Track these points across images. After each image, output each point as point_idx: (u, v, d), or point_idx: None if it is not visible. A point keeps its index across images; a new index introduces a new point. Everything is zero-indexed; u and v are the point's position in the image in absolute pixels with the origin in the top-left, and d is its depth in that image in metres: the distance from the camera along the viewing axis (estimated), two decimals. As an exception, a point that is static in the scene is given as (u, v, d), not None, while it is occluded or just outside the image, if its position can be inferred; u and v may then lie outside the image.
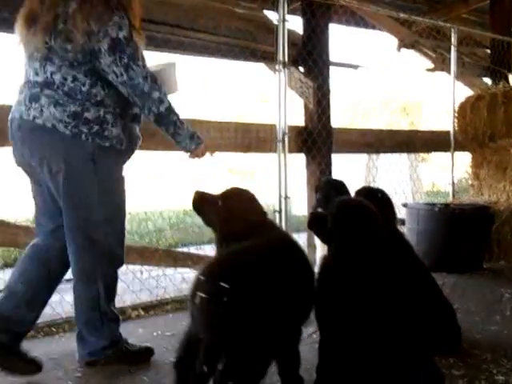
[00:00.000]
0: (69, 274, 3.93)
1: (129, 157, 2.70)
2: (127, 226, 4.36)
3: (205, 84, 13.28)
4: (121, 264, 2.81)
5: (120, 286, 3.80)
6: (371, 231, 2.30)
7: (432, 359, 2.23)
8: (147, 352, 2.95)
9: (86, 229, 2.57)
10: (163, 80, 2.74)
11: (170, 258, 4.16)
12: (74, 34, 2.40)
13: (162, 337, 3.27)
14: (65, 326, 3.48)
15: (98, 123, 2.48)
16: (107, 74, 2.46)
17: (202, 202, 2.60)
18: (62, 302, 3.59)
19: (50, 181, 2.54)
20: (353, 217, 2.32)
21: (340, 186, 3.62)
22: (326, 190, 3.64)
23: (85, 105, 2.46)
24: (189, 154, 2.78)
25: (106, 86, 2.51)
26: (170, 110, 2.59)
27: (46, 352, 2.35)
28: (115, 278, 2.82)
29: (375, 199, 2.85)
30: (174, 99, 2.66)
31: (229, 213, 2.50)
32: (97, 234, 2.59)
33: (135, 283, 4.02)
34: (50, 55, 2.47)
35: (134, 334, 3.35)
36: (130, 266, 4.06)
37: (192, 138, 2.71)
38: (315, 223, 2.43)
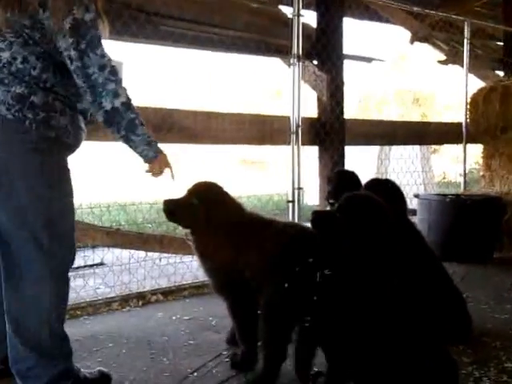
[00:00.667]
0: (91, 260, 4.09)
1: (73, 151, 2.35)
2: (146, 214, 4.54)
3: (220, 78, 13.32)
4: (71, 264, 2.36)
5: (140, 272, 4.03)
6: (380, 225, 2.26)
7: (444, 347, 2.22)
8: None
9: (22, 231, 2.16)
10: None
11: (187, 245, 4.26)
12: (34, 7, 2.09)
13: (179, 320, 3.39)
14: (88, 309, 3.59)
15: (45, 110, 2.15)
16: (64, 58, 2.15)
17: (177, 209, 2.58)
18: (86, 286, 3.75)
19: None
20: (362, 211, 2.26)
21: (352, 178, 3.66)
22: (338, 181, 3.67)
23: (32, 87, 2.14)
24: (146, 166, 2.36)
25: (58, 72, 2.20)
26: (126, 105, 2.20)
27: (70, 334, 2.42)
28: (67, 285, 2.35)
29: (384, 190, 2.90)
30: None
31: (209, 209, 2.53)
32: (37, 234, 2.17)
33: (154, 270, 4.13)
34: (2, 30, 2.13)
35: (153, 317, 3.47)
36: (150, 254, 4.19)
37: (150, 145, 2.29)
38: (318, 222, 2.36)
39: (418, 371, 2.06)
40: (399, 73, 14.78)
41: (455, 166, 6.35)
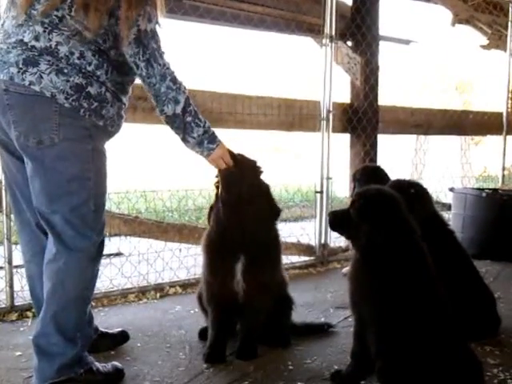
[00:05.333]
0: (107, 249, 3.98)
1: (111, 137, 2.52)
2: (167, 203, 4.43)
3: (247, 58, 13.13)
4: (100, 248, 2.47)
5: (158, 263, 3.91)
6: (395, 219, 2.24)
7: (469, 346, 2.21)
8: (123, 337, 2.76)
9: (77, 207, 2.31)
10: None
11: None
12: (100, 13, 2.21)
13: (198, 314, 3.20)
14: (104, 300, 3.53)
15: (98, 100, 2.30)
16: (130, 63, 2.33)
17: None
18: (101, 276, 3.61)
19: (33, 155, 2.27)
20: (375, 204, 2.26)
21: (378, 173, 3.51)
22: (363, 178, 3.56)
23: (89, 79, 2.28)
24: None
25: (110, 69, 2.34)
26: (184, 110, 2.41)
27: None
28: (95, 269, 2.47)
29: (405, 193, 2.75)
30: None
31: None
32: (75, 214, 2.31)
33: (173, 261, 4.00)
34: (59, 26, 2.25)
35: (170, 310, 3.38)
36: (169, 244, 4.06)
37: (201, 145, 2.48)
38: (336, 222, 2.39)
39: (444, 370, 2.06)
40: (441, 57, 14.42)
41: (497, 158, 6.15)
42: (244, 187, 2.60)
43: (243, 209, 2.59)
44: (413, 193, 3.04)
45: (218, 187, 2.66)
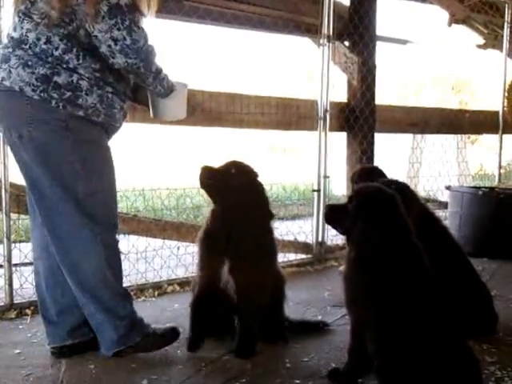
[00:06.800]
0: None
1: (113, 131, 2.53)
2: (165, 201, 4.44)
3: (246, 58, 13.13)
4: (115, 232, 2.60)
5: (156, 261, 3.93)
6: (391, 216, 2.25)
7: (467, 344, 2.21)
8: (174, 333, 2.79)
9: (65, 200, 2.38)
10: (161, 103, 2.60)
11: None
12: None
13: (196, 312, 3.26)
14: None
15: (71, 89, 2.27)
16: (100, 42, 2.25)
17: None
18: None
19: (18, 149, 2.35)
20: (374, 202, 2.26)
21: (376, 174, 3.52)
22: (361, 178, 3.53)
23: (55, 68, 2.26)
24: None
25: (81, 54, 2.30)
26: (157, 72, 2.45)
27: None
28: (118, 251, 2.63)
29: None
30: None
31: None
32: (79, 204, 2.39)
33: (171, 259, 4.02)
34: (31, 10, 2.27)
35: (168, 308, 3.40)
36: (167, 242, 4.08)
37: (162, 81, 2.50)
38: (332, 216, 2.40)
39: (441, 368, 2.06)
40: (438, 57, 14.43)
41: (494, 157, 6.18)
42: (233, 190, 2.63)
43: (233, 211, 2.62)
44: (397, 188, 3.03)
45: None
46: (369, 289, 2.21)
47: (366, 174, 3.72)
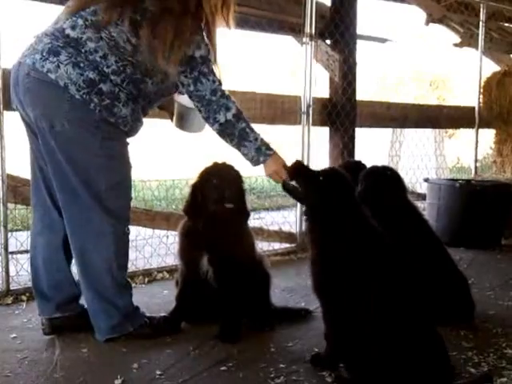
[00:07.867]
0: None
1: (128, 138, 2.64)
2: (155, 192, 4.53)
3: (232, 56, 13.16)
4: (128, 224, 2.69)
5: (147, 249, 4.02)
6: (347, 198, 2.33)
7: (436, 330, 2.19)
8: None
9: (87, 191, 2.48)
10: (190, 118, 2.77)
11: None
12: (143, 30, 2.34)
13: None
14: None
15: (110, 98, 2.39)
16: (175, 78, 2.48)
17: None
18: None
19: (46, 137, 2.42)
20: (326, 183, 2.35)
21: (359, 168, 3.63)
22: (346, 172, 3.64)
23: (103, 76, 2.38)
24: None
25: (127, 80, 2.45)
26: (237, 117, 2.50)
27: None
28: (127, 242, 2.70)
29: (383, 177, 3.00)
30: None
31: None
32: (99, 196, 2.50)
33: (161, 247, 4.12)
34: (107, 29, 2.37)
35: (158, 295, 3.48)
36: (157, 231, 4.17)
37: (259, 151, 2.55)
38: (297, 176, 2.46)
39: (407, 351, 2.06)
40: (416, 54, 14.57)
41: (470, 150, 6.27)
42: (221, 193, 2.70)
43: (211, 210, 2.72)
44: (388, 174, 3.18)
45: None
46: (334, 273, 2.26)
47: (349, 168, 3.80)
